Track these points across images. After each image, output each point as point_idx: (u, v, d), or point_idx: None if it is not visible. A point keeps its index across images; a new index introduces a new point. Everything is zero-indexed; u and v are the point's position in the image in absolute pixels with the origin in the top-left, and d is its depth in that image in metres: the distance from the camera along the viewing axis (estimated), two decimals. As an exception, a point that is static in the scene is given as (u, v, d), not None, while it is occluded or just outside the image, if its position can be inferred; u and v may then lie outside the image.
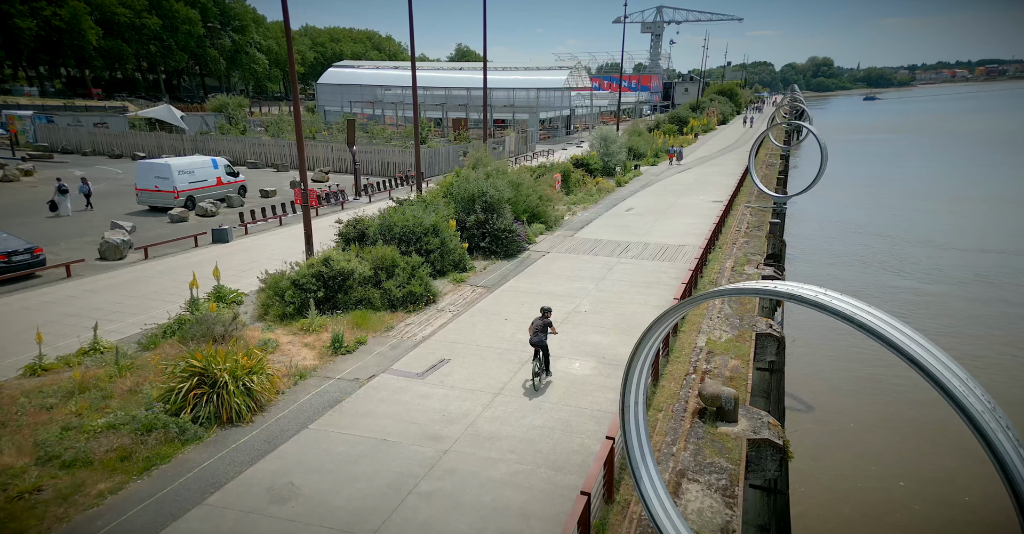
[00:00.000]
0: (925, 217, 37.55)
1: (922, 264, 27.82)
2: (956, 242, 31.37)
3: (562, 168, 29.82)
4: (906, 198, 43.55)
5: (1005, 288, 24.50)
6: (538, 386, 10.11)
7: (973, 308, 22.43)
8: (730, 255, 17.95)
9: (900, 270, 26.80)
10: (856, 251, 30.26)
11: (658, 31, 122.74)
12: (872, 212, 39.04)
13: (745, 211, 24.24)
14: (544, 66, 61.98)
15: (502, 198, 19.78)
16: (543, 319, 10.11)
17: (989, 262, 27.92)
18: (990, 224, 34.89)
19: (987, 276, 25.97)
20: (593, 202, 28.10)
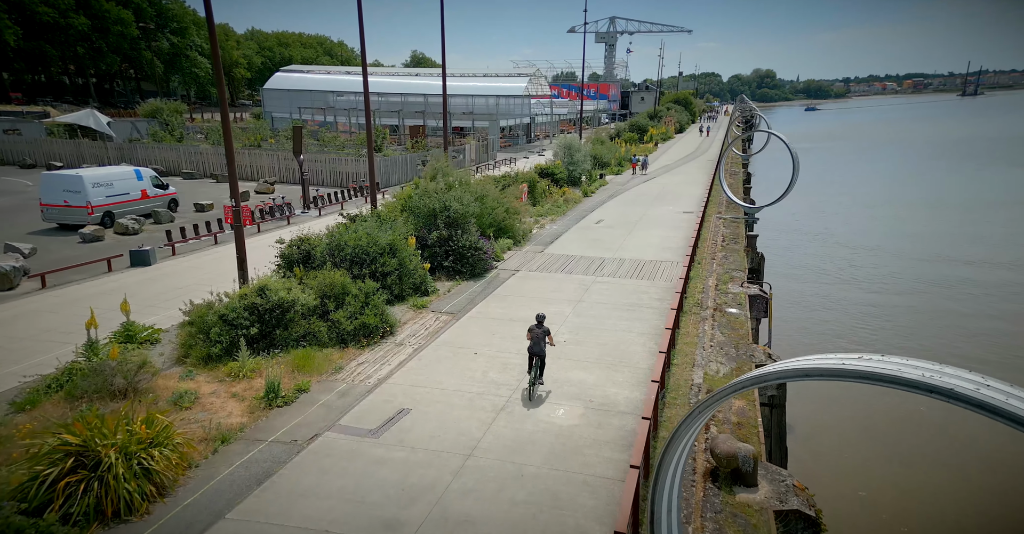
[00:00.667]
0: (873, 224, 38.37)
1: (895, 275, 27.94)
2: (912, 250, 31.93)
3: (528, 178, 28.46)
4: (852, 204, 44.61)
5: (967, 298, 24.72)
6: (533, 396, 9.90)
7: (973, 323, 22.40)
8: (711, 271, 16.89)
9: (883, 285, 26.76)
10: (821, 263, 30.24)
11: (611, 41, 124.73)
12: (823, 219, 39.63)
13: (718, 223, 23.48)
14: (503, 73, 60.92)
15: (467, 212, 18.11)
16: (540, 327, 9.87)
17: (950, 270, 28.34)
18: (931, 231, 35.86)
19: (947, 283, 26.25)
20: (561, 214, 26.79)
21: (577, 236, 22.46)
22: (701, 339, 12.06)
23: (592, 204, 29.30)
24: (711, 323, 12.93)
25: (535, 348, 9.72)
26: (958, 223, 37.17)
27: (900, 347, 19.68)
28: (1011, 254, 30.32)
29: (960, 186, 51.16)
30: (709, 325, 12.81)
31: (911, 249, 31.96)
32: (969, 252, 30.84)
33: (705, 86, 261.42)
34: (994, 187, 50.03)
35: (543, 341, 9.76)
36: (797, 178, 22.17)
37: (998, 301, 24.01)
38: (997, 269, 27.95)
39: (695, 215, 25.58)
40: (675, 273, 17.08)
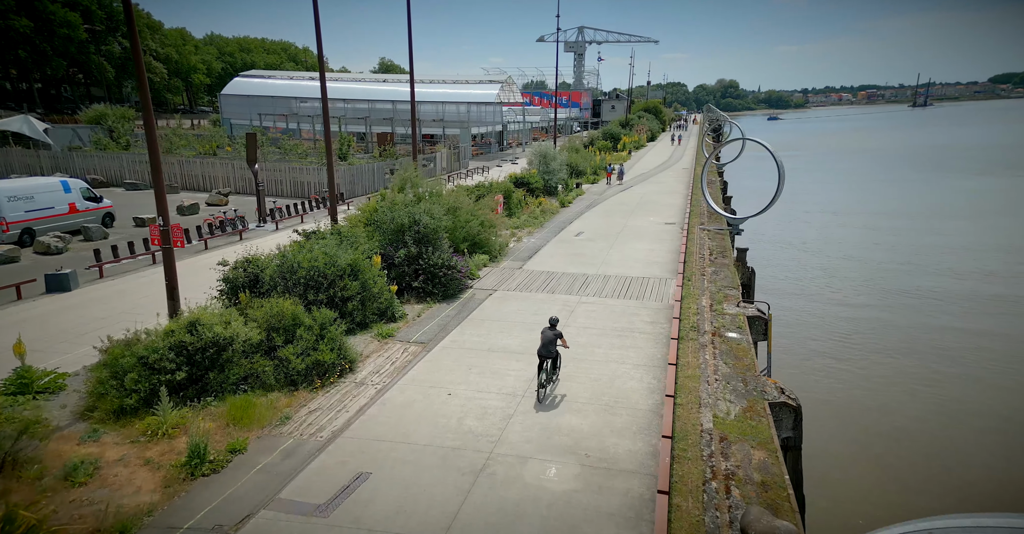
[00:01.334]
0: (842, 232, 38.33)
1: (871, 286, 27.50)
2: (884, 259, 31.76)
3: (503, 188, 27.00)
4: (819, 212, 44.65)
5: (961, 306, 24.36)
6: (543, 398, 9.73)
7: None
8: (703, 289, 15.67)
9: (863, 299, 26.20)
10: (798, 273, 29.69)
11: (580, 51, 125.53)
12: (795, 227, 39.42)
13: (703, 235, 22.47)
14: (474, 80, 59.64)
15: (438, 227, 16.49)
16: (553, 330, 9.84)
17: (926, 281, 28.11)
18: (899, 241, 35.97)
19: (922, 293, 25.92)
20: (539, 225, 25.40)
21: (557, 250, 21.07)
22: (704, 371, 10.71)
23: (570, 215, 28.03)
24: (712, 351, 11.62)
25: (543, 351, 9.66)
26: (923, 232, 37.44)
27: (900, 369, 18.91)
28: (975, 265, 30.42)
29: (916, 195, 52.15)
30: (710, 353, 11.50)
31: (883, 258, 31.80)
32: (939, 262, 30.83)
33: (672, 95, 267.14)
34: (947, 196, 51.18)
35: (553, 344, 9.74)
36: (783, 188, 21.35)
37: (976, 314, 23.71)
38: (965, 280, 27.88)
39: (678, 226, 24.59)
40: (665, 291, 15.82)
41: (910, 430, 15.07)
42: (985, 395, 16.94)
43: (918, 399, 16.66)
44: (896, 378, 17.86)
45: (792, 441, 9.53)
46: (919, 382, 17.51)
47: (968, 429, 15.30)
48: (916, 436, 14.87)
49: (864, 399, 16.63)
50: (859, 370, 18.37)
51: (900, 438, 14.70)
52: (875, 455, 14.14)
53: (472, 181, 37.55)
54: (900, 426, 15.17)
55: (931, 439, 14.81)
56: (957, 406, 16.38)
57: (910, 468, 13.65)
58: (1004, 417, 15.86)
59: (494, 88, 56.47)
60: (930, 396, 16.77)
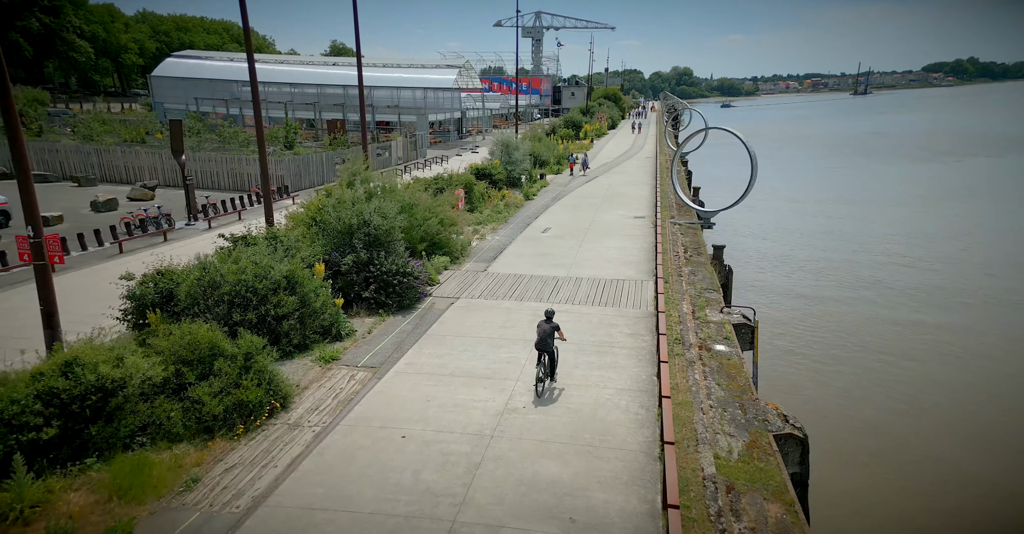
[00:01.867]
0: (803, 219, 38.49)
1: (835, 273, 27.31)
2: (841, 247, 31.85)
3: (464, 181, 25.14)
4: (776, 199, 44.78)
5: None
6: (541, 393, 9.53)
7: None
8: (682, 293, 14.49)
9: (833, 290, 25.90)
10: (770, 265, 29.31)
11: (538, 36, 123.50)
12: (757, 215, 39.28)
13: (675, 230, 21.41)
14: (430, 64, 56.83)
15: (392, 228, 14.60)
16: (549, 323, 9.56)
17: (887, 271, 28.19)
18: (854, 229, 36.36)
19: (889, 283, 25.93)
20: (503, 221, 23.74)
21: (524, 249, 19.52)
22: (696, 395, 9.45)
23: (535, 209, 26.49)
24: (701, 369, 10.39)
25: (541, 344, 9.43)
26: (880, 221, 37.97)
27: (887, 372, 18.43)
28: (924, 253, 30.83)
29: (862, 182, 53.20)
30: (700, 372, 10.26)
31: (841, 247, 31.88)
32: (891, 250, 31.12)
33: (629, 82, 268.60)
34: (890, 183, 52.39)
35: (551, 337, 9.45)
36: (755, 179, 20.48)
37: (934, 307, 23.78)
38: (919, 270, 28.15)
39: (648, 221, 23.48)
40: (643, 295, 14.55)
41: (917, 449, 14.32)
42: (969, 393, 16.63)
43: (913, 405, 16.15)
44: (890, 384, 17.34)
45: (799, 476, 8.39)
46: (913, 388, 17.02)
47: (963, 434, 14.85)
48: (921, 452, 14.21)
49: (857, 410, 15.95)
50: (844, 374, 17.78)
51: (911, 461, 13.96)
52: (889, 483, 13.27)
53: (430, 172, 35.44)
54: (908, 445, 14.35)
55: (937, 452, 14.18)
56: (959, 414, 15.96)
57: (925, 494, 12.90)
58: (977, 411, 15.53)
59: (451, 73, 53.92)
60: (923, 402, 16.30)
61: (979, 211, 39.11)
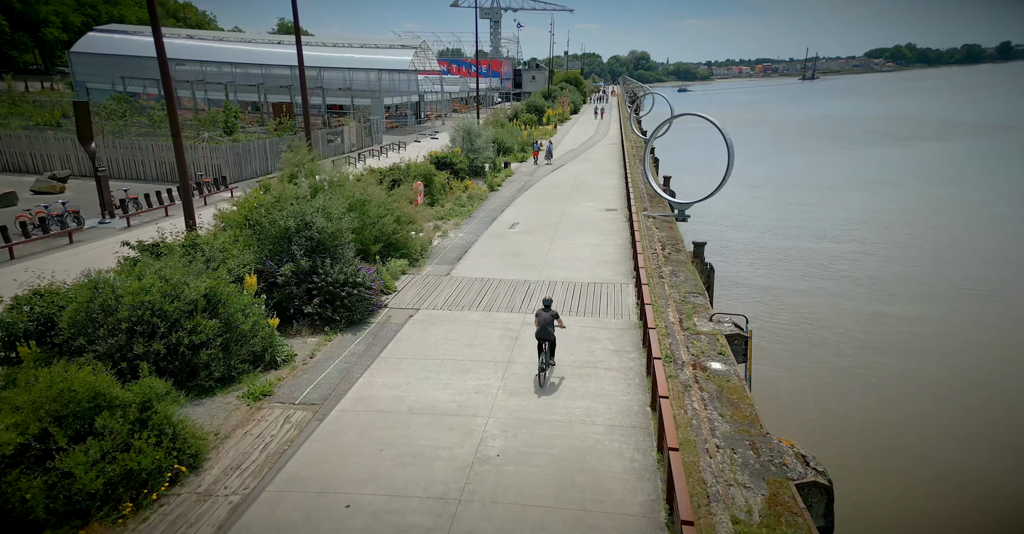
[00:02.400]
0: (768, 207, 38.34)
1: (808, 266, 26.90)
2: (804, 234, 31.70)
3: (423, 171, 23.10)
4: (740, 186, 44.48)
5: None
6: (544, 383, 9.46)
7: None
8: (665, 298, 13.21)
9: (810, 284, 25.40)
10: (738, 252, 28.71)
11: (496, 17, 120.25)
12: (721, 203, 38.79)
13: (649, 224, 20.16)
14: (384, 44, 53.39)
15: (340, 230, 12.64)
16: (548, 311, 9.57)
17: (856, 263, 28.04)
18: (820, 215, 36.46)
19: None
20: (467, 215, 21.93)
21: (490, 247, 17.84)
22: (698, 431, 8.14)
23: (501, 201, 24.75)
24: (698, 394, 9.10)
25: (543, 333, 9.44)
26: (841, 207, 38.14)
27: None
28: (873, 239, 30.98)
29: (820, 166, 53.79)
30: (697, 398, 8.97)
31: (807, 235, 31.70)
32: (863, 236, 31.17)
33: (588, 66, 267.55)
34: (846, 167, 53.11)
35: (551, 325, 9.51)
36: (732, 169, 19.43)
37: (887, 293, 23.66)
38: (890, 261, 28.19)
39: (620, 213, 22.17)
40: (623, 301, 13.19)
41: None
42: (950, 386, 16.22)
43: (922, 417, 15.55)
44: (887, 388, 16.73)
45: (824, 532, 7.20)
46: (920, 396, 16.43)
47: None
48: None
49: (865, 432, 15.19)
50: (838, 380, 17.08)
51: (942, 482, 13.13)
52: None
53: (386, 160, 33.06)
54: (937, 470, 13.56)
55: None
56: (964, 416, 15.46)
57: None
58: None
59: (408, 54, 50.81)
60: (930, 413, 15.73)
61: (938, 196, 39.90)
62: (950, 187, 42.21)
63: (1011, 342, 18.92)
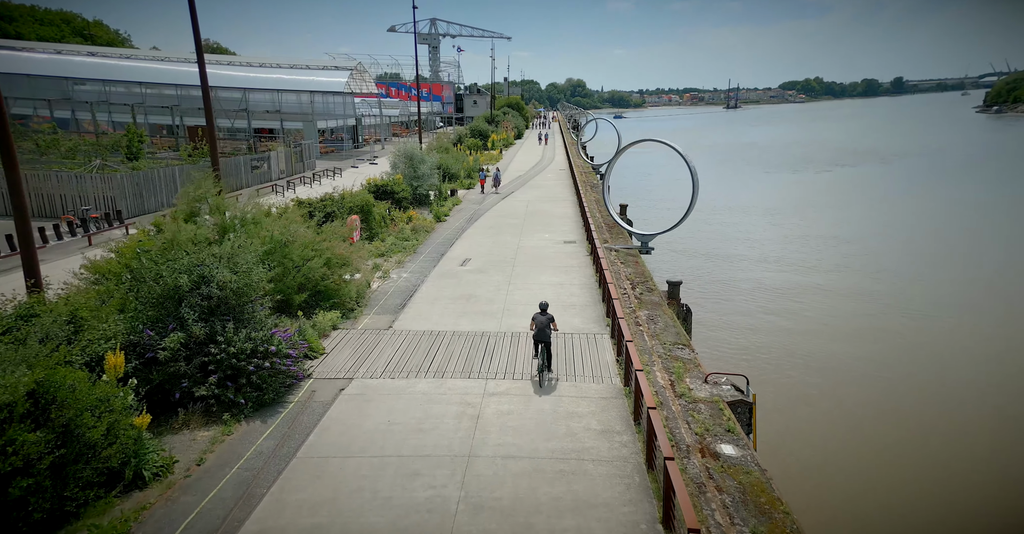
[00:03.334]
0: (710, 229, 38.37)
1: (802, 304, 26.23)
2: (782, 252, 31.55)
3: (360, 202, 20.53)
4: (679, 211, 44.64)
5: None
6: (544, 384, 9.87)
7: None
8: (648, 352, 11.35)
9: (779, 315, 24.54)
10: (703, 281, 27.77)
11: (434, 43, 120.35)
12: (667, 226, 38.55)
13: (613, 258, 18.55)
14: (317, 65, 50.48)
15: (249, 284, 9.94)
16: (545, 315, 10.01)
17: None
18: (763, 236, 36.81)
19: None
20: (411, 250, 19.49)
21: (440, 290, 15.49)
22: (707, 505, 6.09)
23: (449, 233, 22.50)
24: (717, 497, 7.13)
25: (540, 336, 9.78)
26: (778, 227, 38.73)
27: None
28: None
29: (754, 190, 55.37)
30: (718, 505, 6.99)
31: (767, 260, 31.53)
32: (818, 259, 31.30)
33: (528, 92, 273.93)
34: (780, 190, 55.07)
35: (548, 328, 9.83)
36: (696, 199, 18.31)
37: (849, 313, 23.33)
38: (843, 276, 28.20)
39: (580, 246, 20.49)
40: (601, 359, 11.20)
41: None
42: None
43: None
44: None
45: None
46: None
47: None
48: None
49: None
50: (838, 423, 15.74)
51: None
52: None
53: (319, 188, 30.15)
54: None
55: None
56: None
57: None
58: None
59: (342, 75, 48.13)
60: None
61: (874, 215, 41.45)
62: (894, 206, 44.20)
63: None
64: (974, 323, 21.77)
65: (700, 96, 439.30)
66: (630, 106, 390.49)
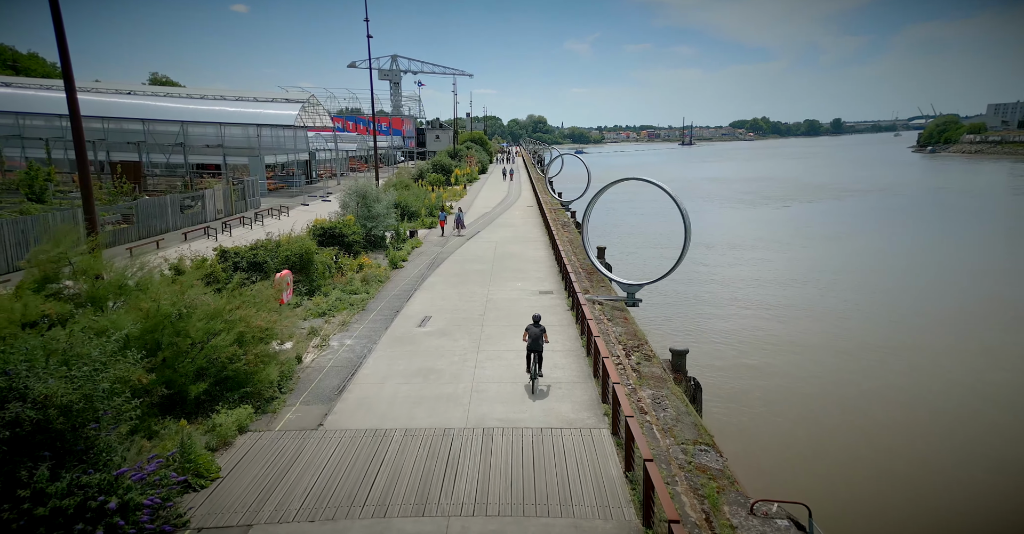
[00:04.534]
0: (698, 270, 36.72)
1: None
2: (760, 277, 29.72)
3: (299, 249, 17.34)
4: (645, 246, 43.27)
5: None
6: (536, 390, 10.55)
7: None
8: (664, 458, 8.55)
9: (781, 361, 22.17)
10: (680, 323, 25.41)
11: (396, 79, 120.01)
12: (636, 265, 36.76)
13: (599, 313, 15.91)
14: (266, 97, 47.43)
15: (94, 395, 6.67)
16: (537, 326, 10.64)
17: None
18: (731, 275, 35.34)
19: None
20: (360, 307, 16.32)
21: (391, 363, 12.38)
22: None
23: (407, 283, 19.47)
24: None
25: (534, 346, 10.50)
26: (746, 263, 37.46)
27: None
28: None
29: (715, 225, 54.68)
30: None
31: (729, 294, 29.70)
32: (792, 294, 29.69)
33: (490, 128, 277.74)
34: (741, 225, 54.58)
35: (540, 339, 10.53)
36: (689, 244, 16.03)
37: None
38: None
39: (558, 297, 17.81)
40: (604, 472, 8.29)
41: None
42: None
43: None
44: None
45: None
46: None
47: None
48: None
49: None
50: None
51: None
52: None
53: (260, 230, 26.74)
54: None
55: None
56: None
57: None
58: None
59: (293, 108, 45.21)
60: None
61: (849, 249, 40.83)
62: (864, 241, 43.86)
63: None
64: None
65: (656, 133, 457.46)
66: (590, 142, 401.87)
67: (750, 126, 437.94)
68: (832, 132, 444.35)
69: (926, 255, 38.62)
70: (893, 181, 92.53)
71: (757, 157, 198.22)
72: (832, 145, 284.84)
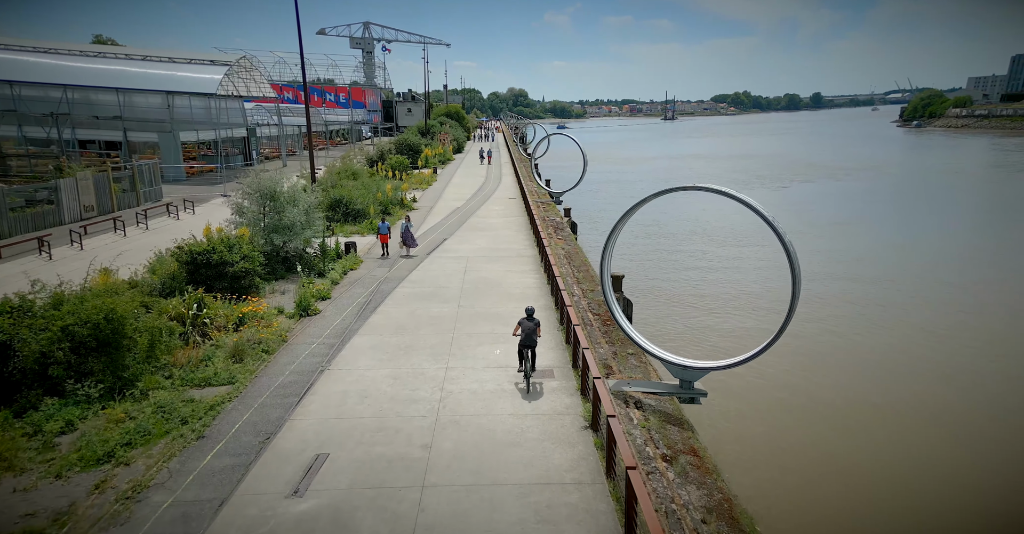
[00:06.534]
0: (662, 256, 29.99)
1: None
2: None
3: (91, 315, 9.63)
4: (647, 237, 36.39)
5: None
6: (530, 388, 9.94)
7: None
8: None
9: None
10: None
11: (368, 48, 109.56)
12: (640, 265, 29.83)
13: (636, 429, 8.84)
14: (182, 58, 38.01)
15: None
16: (531, 321, 10.16)
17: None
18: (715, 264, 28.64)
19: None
20: (194, 430, 8.75)
21: None
22: None
23: (312, 351, 11.95)
24: None
25: (527, 341, 10.01)
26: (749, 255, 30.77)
27: None
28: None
29: (711, 208, 48.22)
30: None
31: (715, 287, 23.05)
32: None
33: (469, 102, 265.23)
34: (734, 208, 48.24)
35: (534, 334, 10.04)
36: (797, 302, 9.03)
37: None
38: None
39: (563, 378, 10.54)
40: None
41: None
42: None
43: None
44: None
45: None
46: None
47: None
48: None
49: None
50: None
51: None
52: None
53: (141, 238, 18.90)
54: None
55: None
56: None
57: None
58: None
59: (217, 72, 36.15)
60: None
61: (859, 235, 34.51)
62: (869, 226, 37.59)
63: None
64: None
65: (638, 107, 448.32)
66: (571, 116, 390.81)
67: (731, 100, 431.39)
68: (812, 106, 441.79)
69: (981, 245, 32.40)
70: (886, 159, 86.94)
71: (741, 132, 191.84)
72: (813, 119, 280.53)
